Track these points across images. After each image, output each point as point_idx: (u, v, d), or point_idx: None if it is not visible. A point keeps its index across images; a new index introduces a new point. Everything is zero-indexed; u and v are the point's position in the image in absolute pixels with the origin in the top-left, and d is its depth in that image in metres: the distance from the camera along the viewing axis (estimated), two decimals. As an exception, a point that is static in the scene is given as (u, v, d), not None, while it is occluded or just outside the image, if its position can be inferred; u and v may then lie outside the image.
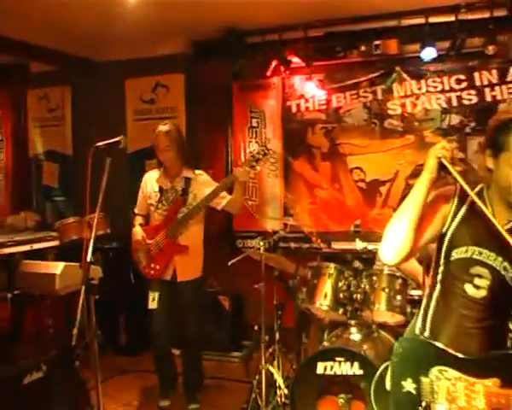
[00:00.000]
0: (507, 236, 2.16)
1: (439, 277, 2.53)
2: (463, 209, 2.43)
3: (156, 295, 4.61)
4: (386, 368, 2.58)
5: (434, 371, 2.38)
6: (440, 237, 2.49)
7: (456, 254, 2.44)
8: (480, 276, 2.39)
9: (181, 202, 4.62)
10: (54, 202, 7.76)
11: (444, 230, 2.46)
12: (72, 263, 5.14)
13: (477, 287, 2.40)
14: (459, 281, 2.44)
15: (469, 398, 2.30)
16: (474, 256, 2.40)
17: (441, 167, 2.32)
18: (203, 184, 4.68)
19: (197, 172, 4.74)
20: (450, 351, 2.39)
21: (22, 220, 7.01)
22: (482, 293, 2.39)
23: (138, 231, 4.72)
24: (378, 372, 3.47)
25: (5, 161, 8.15)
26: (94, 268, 4.09)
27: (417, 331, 2.62)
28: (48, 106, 7.76)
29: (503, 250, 2.30)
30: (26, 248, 5.76)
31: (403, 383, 2.44)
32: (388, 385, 2.52)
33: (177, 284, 4.67)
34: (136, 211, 4.92)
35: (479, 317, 2.41)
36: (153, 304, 4.61)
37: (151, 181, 4.80)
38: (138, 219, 4.85)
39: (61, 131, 7.68)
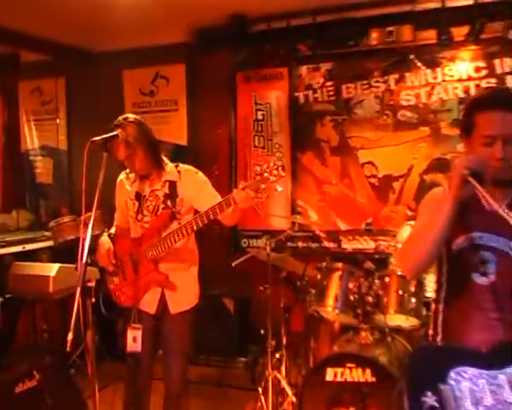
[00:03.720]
0: (506, 215, 2.20)
1: (445, 276, 2.58)
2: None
3: (138, 333, 3.69)
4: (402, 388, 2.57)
5: (452, 374, 2.35)
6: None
7: (457, 245, 2.49)
8: (485, 261, 2.44)
9: (166, 217, 3.74)
10: (48, 199, 7.77)
11: None
12: (67, 265, 5.14)
13: (485, 274, 2.44)
14: (465, 273, 2.48)
15: (495, 394, 2.28)
16: (476, 242, 2.45)
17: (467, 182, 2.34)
18: (192, 184, 3.82)
19: (183, 168, 3.86)
20: (466, 348, 2.41)
21: (14, 220, 7.03)
22: (491, 279, 2.43)
23: (105, 243, 3.91)
24: (394, 395, 3.48)
25: (-5, 157, 8.16)
26: (91, 270, 4.10)
27: (430, 339, 2.63)
28: (41, 98, 7.82)
29: (503, 229, 2.35)
30: (18, 248, 5.78)
31: (423, 399, 2.37)
32: (407, 406, 2.45)
33: (167, 318, 3.83)
34: (114, 222, 4.13)
35: (491, 306, 2.44)
36: (134, 345, 3.69)
37: (125, 187, 3.94)
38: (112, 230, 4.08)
39: (55, 125, 7.70)
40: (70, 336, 2.90)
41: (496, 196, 2.37)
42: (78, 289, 3.02)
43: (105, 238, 3.95)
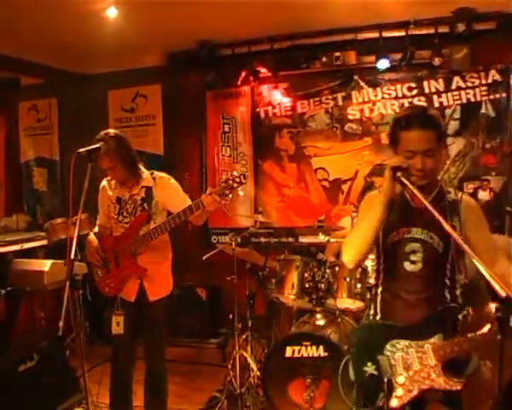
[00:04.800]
0: (432, 209, 2.24)
1: (382, 266, 2.66)
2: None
3: (121, 318, 3.73)
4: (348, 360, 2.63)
5: (388, 346, 2.45)
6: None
7: (390, 239, 2.57)
8: (413, 251, 2.52)
9: (143, 218, 3.71)
10: (43, 204, 7.69)
11: None
12: (59, 261, 5.10)
13: (413, 262, 2.53)
14: (398, 262, 2.56)
15: (421, 359, 2.38)
16: (405, 235, 2.53)
17: (395, 178, 2.42)
18: (165, 189, 3.79)
19: (158, 175, 3.84)
20: (398, 324, 2.49)
21: (14, 222, 6.95)
22: (419, 266, 2.52)
23: (93, 241, 3.89)
24: (341, 366, 3.51)
25: (-1, 168, 8.06)
26: (78, 265, 4.06)
27: (370, 318, 2.69)
28: (37, 116, 7.74)
29: (426, 224, 2.47)
30: (18, 247, 5.72)
31: (364, 368, 2.48)
32: (352, 375, 2.55)
33: (146, 305, 3.78)
34: (97, 222, 4.06)
35: (419, 289, 2.52)
36: (118, 329, 3.73)
37: (107, 192, 3.89)
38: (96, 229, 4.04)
39: (49, 139, 7.64)
40: (61, 324, 2.93)
41: (418, 197, 2.44)
42: (68, 282, 3.01)
43: (92, 237, 3.93)
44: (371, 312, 2.70)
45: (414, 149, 2.41)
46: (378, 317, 2.65)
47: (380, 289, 2.67)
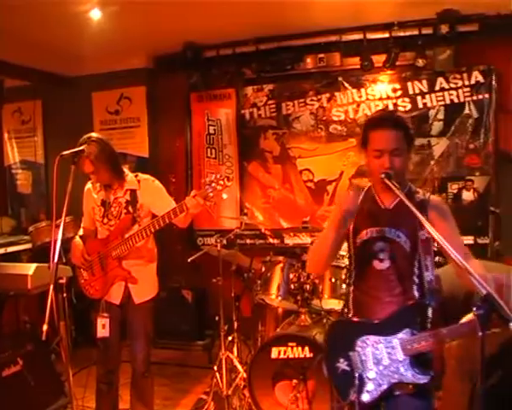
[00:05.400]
0: (416, 211, 2.27)
1: (353, 265, 2.74)
2: None
3: (106, 321, 3.69)
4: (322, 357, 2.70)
5: (358, 342, 2.51)
6: (346, 235, 2.68)
7: (360, 239, 2.63)
8: (382, 250, 2.58)
9: (128, 221, 3.70)
10: (28, 207, 7.64)
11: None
12: (44, 264, 5.06)
13: (382, 260, 2.58)
14: (367, 261, 2.62)
15: (390, 354, 2.44)
16: (374, 235, 2.59)
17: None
18: (149, 191, 3.76)
19: (142, 177, 3.81)
20: (368, 321, 2.55)
21: (-2, 226, 6.90)
22: (386, 264, 2.57)
23: (78, 244, 3.86)
24: (316, 362, 3.55)
25: (-18, 171, 7.97)
26: (63, 268, 4.05)
27: (344, 315, 2.75)
28: (21, 118, 7.66)
29: (394, 223, 2.54)
30: (1, 251, 5.69)
31: (337, 365, 2.56)
32: (325, 372, 2.63)
33: (132, 308, 3.78)
34: (82, 225, 4.03)
35: (389, 287, 2.56)
36: (103, 332, 3.69)
37: (91, 195, 3.86)
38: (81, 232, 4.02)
39: (33, 142, 7.56)
40: (45, 327, 2.92)
41: (386, 197, 2.60)
42: (51, 286, 3.00)
43: (78, 240, 3.90)
44: (345, 310, 2.77)
45: (382, 148, 2.48)
46: (351, 314, 2.72)
47: (352, 288, 2.74)
